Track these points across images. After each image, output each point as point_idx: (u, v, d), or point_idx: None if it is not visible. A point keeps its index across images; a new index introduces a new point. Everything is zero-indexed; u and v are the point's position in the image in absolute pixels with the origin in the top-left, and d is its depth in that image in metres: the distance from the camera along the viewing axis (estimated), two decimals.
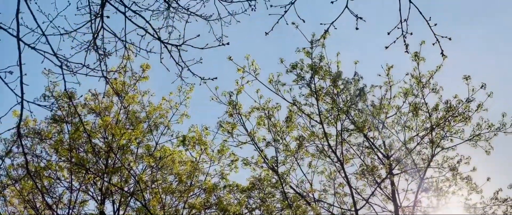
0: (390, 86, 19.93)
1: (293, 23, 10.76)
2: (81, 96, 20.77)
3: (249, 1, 8.64)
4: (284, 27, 7.62)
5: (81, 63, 8.35)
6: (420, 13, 6.61)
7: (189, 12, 9.30)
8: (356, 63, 19.68)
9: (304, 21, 7.48)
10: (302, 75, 19.14)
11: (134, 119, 19.95)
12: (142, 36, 8.49)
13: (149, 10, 9.02)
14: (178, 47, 8.45)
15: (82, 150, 19.36)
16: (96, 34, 8.51)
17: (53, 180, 19.45)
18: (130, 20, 8.64)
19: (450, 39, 6.62)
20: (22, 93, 7.45)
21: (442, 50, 6.79)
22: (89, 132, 18.89)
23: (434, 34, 6.67)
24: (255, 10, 8.59)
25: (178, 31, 9.03)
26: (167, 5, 9.30)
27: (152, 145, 19.95)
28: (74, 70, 8.41)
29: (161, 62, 8.46)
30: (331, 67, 19.18)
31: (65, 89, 8.50)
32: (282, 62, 19.10)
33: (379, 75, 19.96)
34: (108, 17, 8.39)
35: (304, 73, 19.12)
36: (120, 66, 12.65)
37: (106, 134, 19.41)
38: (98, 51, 8.66)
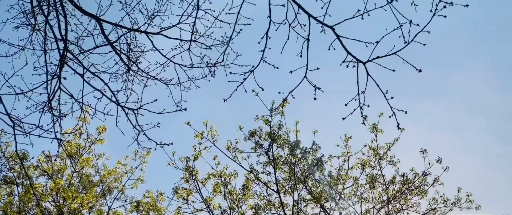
0: (348, 157, 19.99)
1: (253, 91, 10.81)
2: (33, 157, 20.30)
3: (209, 67, 8.68)
4: (244, 93, 7.63)
5: (35, 124, 8.19)
6: (377, 86, 6.71)
7: (149, 76, 9.28)
8: (314, 133, 19.76)
9: (262, 89, 7.55)
10: (260, 143, 19.10)
11: (87, 182, 19.50)
12: (98, 98, 8.40)
13: (108, 72, 8.97)
14: (135, 111, 8.36)
15: (31, 213, 18.74)
16: (52, 95, 8.37)
17: None
18: (87, 83, 8.56)
19: (406, 112, 6.70)
20: None
21: (398, 123, 6.86)
22: (39, 194, 18.35)
23: (391, 107, 6.75)
24: (214, 76, 8.62)
25: (137, 94, 8.98)
26: (127, 68, 9.26)
27: (105, 210, 19.47)
28: (27, 131, 8.23)
29: (116, 126, 8.34)
30: (289, 136, 19.22)
31: (16, 151, 8.29)
32: (240, 129, 19.09)
33: (338, 145, 20.04)
34: (65, 78, 8.29)
35: (263, 141, 19.10)
36: (76, 128, 12.42)
37: (58, 197, 18.87)
38: (53, 112, 8.51)
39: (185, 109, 8.58)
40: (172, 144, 8.54)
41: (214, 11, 8.74)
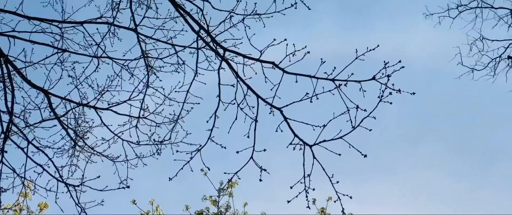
0: None
1: (201, 170, 10.74)
2: None
3: (156, 145, 8.60)
4: (193, 172, 7.53)
5: None
6: (323, 169, 6.71)
7: (95, 152, 9.11)
8: None
9: (209, 169, 7.47)
10: None
11: None
12: (39, 173, 8.19)
13: (53, 147, 8.78)
14: (76, 187, 8.15)
15: None
16: None
17: None
18: (30, 158, 8.36)
19: (351, 198, 6.68)
20: None
21: (343, 208, 6.82)
22: None
23: (336, 191, 6.74)
24: (160, 154, 8.54)
25: (81, 170, 8.80)
26: (73, 143, 9.09)
27: None
28: None
29: (56, 202, 8.10)
30: None
31: None
32: (187, 209, 18.73)
33: None
34: (6, 152, 8.08)
35: None
36: (16, 204, 11.98)
37: None
38: None
39: (128, 187, 8.42)
40: None
41: (164, 89, 8.76)
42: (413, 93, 6.64)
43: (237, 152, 6.96)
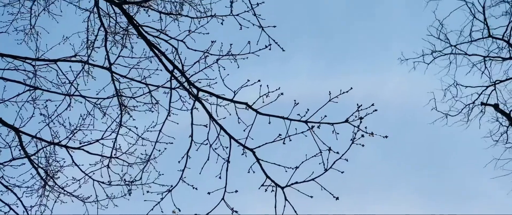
0: None
1: (173, 212, 10.64)
2: None
3: (128, 185, 8.49)
4: (161, 214, 7.41)
5: None
6: (295, 211, 6.66)
7: (65, 192, 8.97)
8: None
9: (179, 210, 7.36)
10: None
11: None
12: (5, 213, 8.02)
13: (22, 186, 8.64)
14: None
15: None
16: None
17: None
18: None
19: None
20: None
21: None
22: None
23: None
24: (130, 194, 8.43)
25: (50, 210, 8.66)
26: (43, 182, 8.95)
27: None
28: None
29: None
30: None
31: None
32: None
33: None
34: None
35: None
36: None
37: None
38: None
39: None
40: None
41: (137, 128, 8.69)
42: (386, 136, 6.64)
43: (209, 193, 6.89)
